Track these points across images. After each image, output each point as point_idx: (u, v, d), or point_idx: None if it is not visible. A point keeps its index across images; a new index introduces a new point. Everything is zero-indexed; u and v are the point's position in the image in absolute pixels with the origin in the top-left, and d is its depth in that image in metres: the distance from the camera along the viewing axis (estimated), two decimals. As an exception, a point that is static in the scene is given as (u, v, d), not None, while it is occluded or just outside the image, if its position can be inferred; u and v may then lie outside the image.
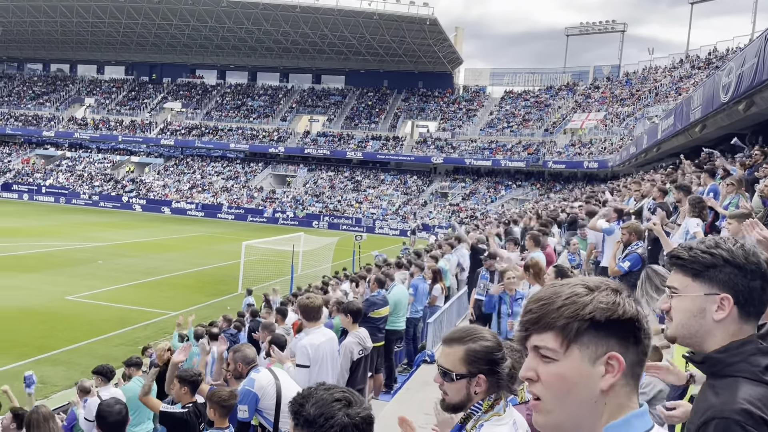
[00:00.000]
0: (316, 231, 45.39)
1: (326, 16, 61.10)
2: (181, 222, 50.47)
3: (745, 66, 11.75)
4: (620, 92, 57.62)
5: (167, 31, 69.01)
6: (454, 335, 2.13)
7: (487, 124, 63.35)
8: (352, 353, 6.00)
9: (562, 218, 13.89)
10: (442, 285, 10.95)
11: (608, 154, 45.68)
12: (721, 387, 1.46)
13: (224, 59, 75.49)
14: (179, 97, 74.68)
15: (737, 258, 1.50)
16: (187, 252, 33.19)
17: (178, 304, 20.95)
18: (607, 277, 1.34)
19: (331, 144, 64.22)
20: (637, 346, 1.19)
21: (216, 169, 65.91)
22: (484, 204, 54.12)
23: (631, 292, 1.23)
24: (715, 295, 1.51)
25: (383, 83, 71.46)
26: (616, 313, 1.17)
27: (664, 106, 39.69)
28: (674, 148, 21.74)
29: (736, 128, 14.96)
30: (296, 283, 21.54)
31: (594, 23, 66.19)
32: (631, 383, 1.19)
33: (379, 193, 59.36)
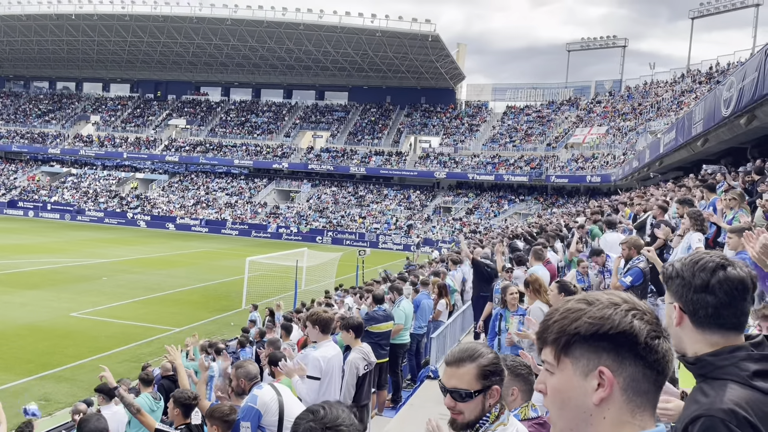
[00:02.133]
0: (319, 246, 45.43)
1: (329, 33, 61.64)
2: (186, 238, 50.59)
3: (746, 80, 11.82)
4: (622, 107, 57.79)
5: (172, 49, 69.69)
6: (463, 355, 2.17)
7: (490, 138, 63.54)
8: (357, 369, 6.01)
9: (565, 233, 13.90)
10: (447, 300, 10.96)
11: (611, 168, 45.73)
12: (710, 388, 1.52)
13: (228, 76, 76.10)
14: (184, 114, 75.21)
15: (685, 272, 1.66)
16: (191, 268, 33.24)
17: (182, 320, 20.96)
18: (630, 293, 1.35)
19: (334, 159, 64.48)
20: (637, 361, 1.17)
21: (220, 185, 66.17)
22: (487, 218, 54.12)
23: (644, 310, 1.21)
24: (671, 304, 1.70)
25: (386, 99, 71.88)
26: (604, 327, 1.17)
27: (666, 120, 39.79)
28: (676, 162, 21.79)
29: (738, 142, 15.01)
30: (300, 299, 21.55)
31: (595, 38, 66.55)
32: (636, 400, 1.18)
33: (383, 208, 59.45)
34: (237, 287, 25.70)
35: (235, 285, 26.75)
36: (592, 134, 56.06)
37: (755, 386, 1.48)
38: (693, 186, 12.00)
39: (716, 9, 55.35)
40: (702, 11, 56.57)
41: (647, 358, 1.17)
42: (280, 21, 61.51)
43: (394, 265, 32.18)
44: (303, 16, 61.02)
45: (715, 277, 1.62)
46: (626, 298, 1.22)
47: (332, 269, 30.26)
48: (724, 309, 1.61)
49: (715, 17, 56.86)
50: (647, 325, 1.18)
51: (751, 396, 1.46)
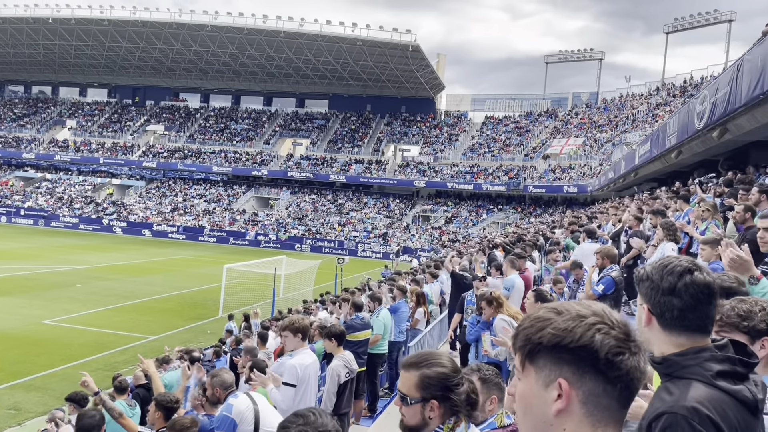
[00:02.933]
0: (298, 254, 45.20)
1: (310, 41, 61.69)
2: (162, 245, 50.00)
3: (719, 94, 12.08)
4: (598, 119, 58.64)
5: (151, 54, 69.11)
6: (410, 360, 2.15)
7: (469, 148, 63.98)
8: (339, 376, 6.00)
9: (542, 243, 14.04)
10: (425, 309, 10.96)
11: (587, 179, 46.30)
12: (675, 387, 1.58)
13: (208, 83, 75.66)
14: (162, 119, 74.52)
15: (654, 275, 1.72)
16: (167, 275, 32.84)
17: (157, 328, 20.67)
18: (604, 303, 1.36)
19: (314, 167, 64.35)
20: (597, 376, 1.15)
21: (198, 192, 65.60)
22: (466, 227, 54.38)
23: (612, 324, 1.18)
24: (641, 305, 1.76)
25: (366, 108, 72.05)
26: (565, 340, 1.16)
27: (641, 132, 40.45)
28: (651, 173, 22.14)
29: (711, 155, 15.31)
30: (277, 307, 21.40)
31: (572, 51, 67.55)
32: (597, 414, 1.16)
33: (362, 216, 59.43)
34: (214, 295, 25.45)
35: (211, 293, 26.48)
36: (569, 145, 56.76)
37: (718, 386, 1.53)
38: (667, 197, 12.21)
39: (690, 24, 56.57)
40: (676, 26, 57.78)
41: (608, 374, 1.15)
42: (261, 28, 61.40)
43: (373, 273, 32.15)
44: (284, 24, 61.01)
45: (681, 280, 1.66)
46: (596, 311, 1.19)
47: (311, 277, 30.13)
48: (689, 312, 1.66)
49: (689, 32, 58.11)
50: (612, 341, 1.15)
51: (714, 395, 1.51)
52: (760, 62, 9.57)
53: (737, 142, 13.02)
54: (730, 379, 1.56)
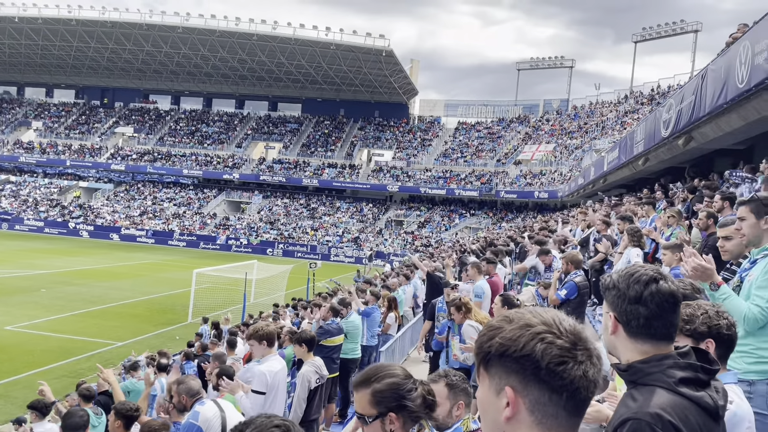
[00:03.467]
0: (270, 258, 44.86)
1: (283, 45, 61.42)
2: (131, 249, 49.15)
3: (684, 103, 12.34)
4: (569, 125, 59.51)
5: (120, 55, 68.02)
6: (359, 379, 2.11)
7: (442, 153, 64.35)
8: (309, 382, 5.95)
9: (512, 248, 14.15)
10: (396, 313, 10.96)
11: (558, 184, 46.93)
12: (639, 394, 1.61)
13: (179, 85, 74.74)
14: (131, 122, 73.37)
15: (620, 284, 1.73)
16: (135, 280, 32.28)
17: (124, 334, 20.31)
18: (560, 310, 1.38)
19: (286, 171, 64.01)
20: (541, 385, 1.15)
21: (168, 195, 64.69)
22: (438, 232, 54.63)
23: (559, 332, 1.18)
24: (608, 312, 1.78)
25: (340, 112, 71.98)
26: (510, 350, 1.17)
27: (610, 139, 41.17)
28: (620, 179, 22.51)
29: (677, 162, 15.62)
30: (248, 312, 21.19)
31: (544, 59, 68.46)
32: (546, 423, 1.17)
33: (335, 220, 59.28)
34: (183, 300, 25.10)
35: (181, 298, 26.11)
36: (540, 151, 57.48)
37: (680, 392, 1.57)
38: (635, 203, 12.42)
39: (658, 34, 57.84)
40: (645, 35, 59.02)
41: (550, 383, 1.15)
42: (233, 31, 60.92)
43: (346, 277, 32.05)
44: (256, 27, 60.65)
45: (647, 289, 1.68)
46: (546, 319, 1.20)
47: (282, 282, 29.92)
48: (655, 320, 1.68)
49: (657, 41, 59.41)
50: (555, 350, 1.16)
51: (676, 401, 1.55)
52: (723, 73, 9.80)
53: (702, 150, 13.30)
54: (692, 385, 1.59)
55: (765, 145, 11.86)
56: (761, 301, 3.12)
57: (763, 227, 3.27)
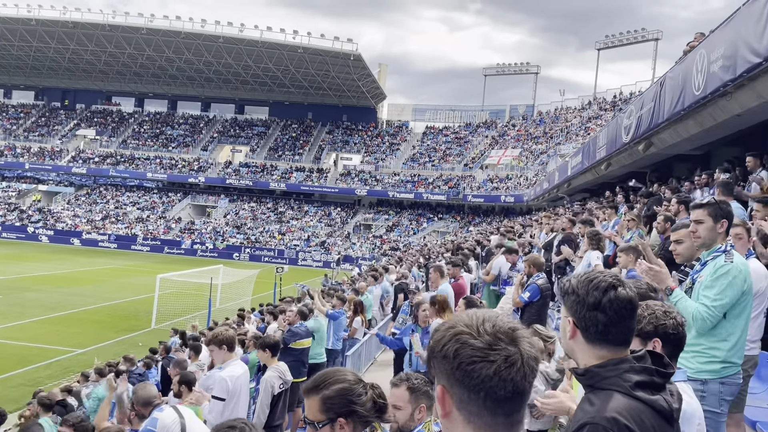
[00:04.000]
0: (236, 263, 44.33)
1: (250, 47, 60.94)
2: (92, 254, 48.03)
3: (644, 109, 12.65)
4: (534, 130, 60.39)
5: (82, 56, 66.56)
6: (309, 385, 2.11)
7: (410, 158, 64.61)
8: (273, 387, 5.89)
9: (479, 252, 14.27)
10: (362, 317, 10.94)
11: (524, 189, 47.55)
12: (596, 398, 1.64)
13: (143, 87, 73.47)
14: (93, 124, 71.81)
15: (579, 290, 1.75)
16: (97, 286, 31.54)
17: (85, 341, 19.84)
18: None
19: (253, 175, 63.43)
20: (460, 383, 1.20)
21: (131, 199, 63.47)
22: (406, 236, 54.78)
23: (477, 332, 1.21)
24: (566, 317, 1.79)
25: (308, 115, 71.67)
26: (435, 350, 1.24)
27: (574, 144, 41.90)
28: (583, 184, 22.93)
29: (638, 167, 15.99)
30: (214, 317, 20.91)
31: (510, 64, 69.39)
32: (475, 421, 1.21)
33: (303, 224, 58.96)
34: (147, 306, 24.61)
35: (144, 304, 25.60)
36: (506, 156, 58.18)
37: (636, 396, 1.60)
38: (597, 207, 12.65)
39: (620, 41, 59.18)
40: (607, 43, 60.32)
41: (465, 383, 1.19)
42: (199, 33, 60.20)
43: (314, 282, 31.88)
44: (223, 29, 60.04)
45: (606, 296, 1.70)
46: (468, 321, 1.23)
47: (249, 287, 29.60)
48: (612, 326, 1.71)
49: (619, 49, 60.77)
50: (468, 350, 1.19)
51: (632, 405, 1.58)
52: (680, 80, 10.08)
53: (662, 155, 13.65)
54: (647, 389, 1.62)
55: (721, 151, 12.23)
56: (707, 301, 3.21)
57: (718, 230, 3.36)
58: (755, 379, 4.95)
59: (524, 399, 1.23)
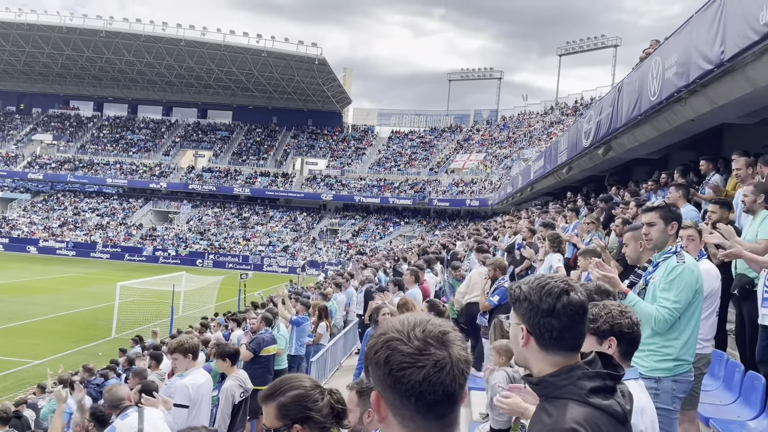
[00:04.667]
0: (199, 270, 43.67)
1: (213, 51, 60.24)
2: (50, 262, 46.70)
3: (603, 114, 12.91)
4: (498, 135, 61.16)
5: (38, 59, 64.80)
6: (266, 393, 2.13)
7: (376, 162, 64.70)
8: (233, 397, 5.80)
9: (444, 255, 14.36)
10: (327, 323, 10.88)
11: (488, 193, 48.06)
12: (553, 408, 1.64)
13: (102, 90, 71.89)
14: (50, 128, 69.94)
15: (532, 296, 1.72)
16: (54, 294, 30.67)
17: (42, 352, 19.27)
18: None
19: (217, 180, 62.63)
20: (392, 389, 1.22)
21: (90, 206, 61.98)
22: (373, 240, 54.78)
23: (405, 338, 1.23)
24: (519, 325, 1.76)
25: (272, 120, 71.14)
26: (368, 357, 1.27)
27: (537, 148, 42.56)
28: (546, 188, 23.28)
29: (598, 171, 16.31)
30: (176, 325, 20.54)
31: (474, 70, 70.18)
32: (409, 425, 1.23)
33: (268, 230, 58.43)
34: (107, 314, 24.03)
35: (104, 312, 24.99)
36: (471, 160, 58.76)
37: (591, 403, 1.61)
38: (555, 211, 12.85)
39: (581, 47, 60.44)
40: (568, 49, 61.55)
41: (396, 388, 1.21)
42: (160, 36, 59.24)
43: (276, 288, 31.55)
44: (185, 32, 59.20)
45: (560, 302, 1.69)
46: (399, 327, 1.25)
47: (212, 294, 29.17)
48: (566, 332, 1.70)
49: (580, 55, 62.07)
50: (398, 356, 1.21)
51: (589, 413, 1.59)
52: (637, 86, 10.32)
53: (620, 159, 13.95)
54: (601, 394, 1.63)
55: (678, 155, 12.57)
56: (667, 303, 3.29)
57: (669, 232, 3.45)
58: (708, 376, 5.09)
59: (456, 402, 1.24)
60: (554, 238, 6.37)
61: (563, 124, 47.38)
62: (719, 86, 7.48)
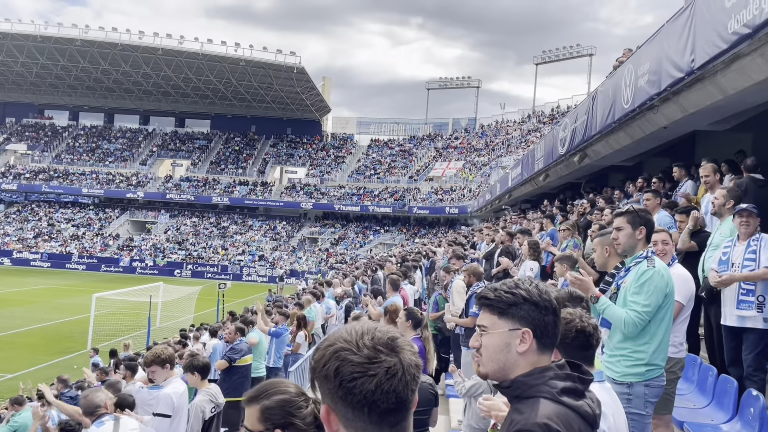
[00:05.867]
0: (177, 280, 43.17)
1: (190, 60, 59.88)
2: (23, 274, 45.80)
3: (578, 122, 13.08)
4: (477, 143, 61.58)
5: (12, 68, 63.81)
6: (251, 394, 2.09)
7: (355, 170, 64.70)
8: (203, 412, 5.68)
9: (424, 263, 14.38)
10: (306, 332, 10.81)
11: (467, 200, 48.30)
12: (525, 406, 1.62)
13: (77, 99, 70.99)
14: (24, 138, 68.84)
15: (533, 296, 1.68)
16: (28, 307, 30.07)
17: (16, 365, 18.87)
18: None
19: (195, 189, 62.10)
20: (343, 401, 1.20)
21: (65, 216, 61.01)
22: (353, 249, 54.67)
23: (355, 347, 1.21)
24: (517, 330, 1.68)
25: (251, 128, 70.81)
26: (316, 370, 1.24)
27: (515, 156, 42.92)
28: (523, 195, 23.47)
29: (574, 178, 16.49)
30: (153, 337, 20.27)
31: (452, 78, 70.66)
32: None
33: (247, 239, 58.01)
34: (82, 326, 23.62)
35: (79, 324, 24.57)
36: (450, 168, 59.06)
37: (563, 402, 1.60)
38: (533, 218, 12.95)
39: (557, 56, 61.20)
40: (545, 58, 62.28)
41: (348, 400, 1.19)
42: (137, 45, 58.73)
43: (258, 297, 31.32)
44: (162, 41, 58.76)
45: (553, 299, 1.70)
46: (349, 336, 1.23)
47: (191, 304, 28.85)
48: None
49: (556, 63, 62.83)
50: (348, 367, 1.19)
51: (561, 411, 1.59)
52: (611, 94, 10.48)
53: (596, 167, 14.12)
54: (572, 395, 1.63)
55: (652, 162, 12.76)
56: (637, 307, 3.33)
57: (637, 237, 3.48)
58: (683, 380, 5.15)
59: (409, 408, 1.23)
60: (533, 244, 6.41)
61: (540, 132, 47.86)
62: (690, 94, 7.62)
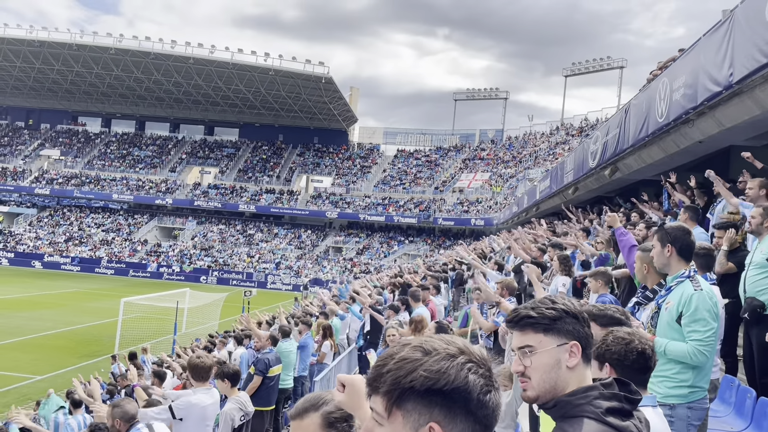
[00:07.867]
0: (203, 286, 43.61)
1: (220, 69, 60.77)
2: (54, 277, 46.73)
3: (609, 135, 12.92)
4: (503, 155, 61.24)
5: (48, 75, 65.49)
6: (304, 405, 2.03)
7: (381, 180, 64.81)
8: (233, 420, 5.70)
9: (450, 275, 14.28)
10: (331, 342, 10.79)
11: (493, 212, 47.99)
12: (569, 426, 1.57)
13: (110, 107, 72.53)
14: (58, 144, 70.49)
15: (572, 309, 1.67)
16: (58, 310, 30.64)
17: (44, 368, 19.18)
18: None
19: (222, 197, 62.81)
20: (468, 417, 1.14)
21: (96, 221, 62.17)
22: (378, 259, 54.66)
23: (479, 361, 1.17)
24: (565, 344, 1.64)
25: (278, 137, 71.50)
26: (439, 383, 1.12)
27: (543, 168, 42.56)
28: (551, 208, 23.22)
29: (605, 191, 16.26)
30: (180, 342, 20.43)
31: (479, 90, 70.50)
32: None
33: (273, 247, 58.41)
34: (110, 331, 23.96)
35: (107, 328, 24.93)
36: (476, 180, 58.80)
37: (608, 422, 1.54)
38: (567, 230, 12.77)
39: (586, 69, 60.68)
40: (574, 70, 61.80)
41: (477, 414, 1.14)
42: (169, 53, 59.84)
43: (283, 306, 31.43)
44: (193, 50, 59.79)
45: (583, 312, 1.69)
46: (463, 348, 1.18)
47: (216, 311, 29.09)
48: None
49: (585, 76, 62.29)
50: (481, 380, 1.15)
51: (605, 430, 1.52)
52: (644, 107, 10.33)
53: (627, 180, 13.91)
54: (618, 415, 1.57)
55: (685, 176, 12.52)
56: (697, 335, 3.23)
57: (666, 255, 3.39)
58: (719, 402, 5.00)
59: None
60: (564, 259, 6.31)
61: (568, 144, 47.43)
62: (727, 108, 7.47)
